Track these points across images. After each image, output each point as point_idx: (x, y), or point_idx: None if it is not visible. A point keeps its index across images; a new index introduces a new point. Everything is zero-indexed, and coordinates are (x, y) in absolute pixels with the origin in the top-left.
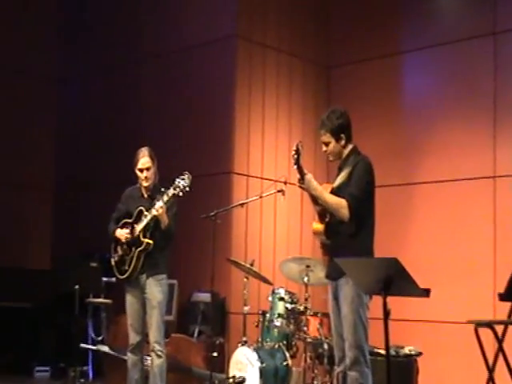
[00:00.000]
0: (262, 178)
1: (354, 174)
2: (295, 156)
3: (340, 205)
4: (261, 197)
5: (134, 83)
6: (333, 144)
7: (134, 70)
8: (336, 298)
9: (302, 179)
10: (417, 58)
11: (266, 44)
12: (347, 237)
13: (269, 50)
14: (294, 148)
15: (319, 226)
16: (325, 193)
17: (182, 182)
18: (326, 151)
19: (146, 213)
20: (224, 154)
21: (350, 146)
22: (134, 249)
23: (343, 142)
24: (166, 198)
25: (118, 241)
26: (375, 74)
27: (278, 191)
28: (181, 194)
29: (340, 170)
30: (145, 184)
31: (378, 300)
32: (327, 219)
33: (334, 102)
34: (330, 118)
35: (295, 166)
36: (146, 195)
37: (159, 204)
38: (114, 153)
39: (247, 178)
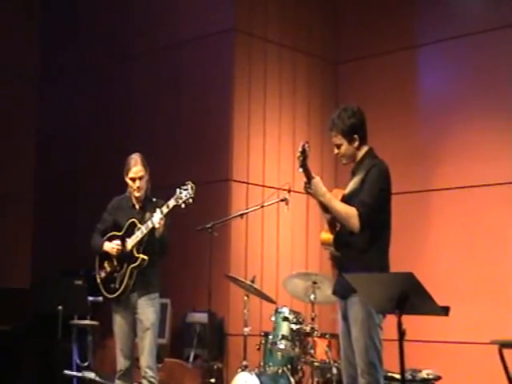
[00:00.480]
0: (263, 186)
1: (367, 180)
2: (301, 157)
3: (350, 214)
4: (262, 206)
5: (122, 83)
6: (345, 146)
7: (123, 68)
8: (345, 318)
9: (308, 183)
10: (435, 52)
11: (267, 38)
12: (358, 250)
13: (270, 45)
14: (300, 148)
15: (328, 236)
16: (333, 200)
17: (185, 192)
18: (337, 154)
19: (139, 225)
20: (221, 159)
21: (364, 148)
22: (126, 265)
23: (357, 144)
24: (165, 209)
25: (104, 255)
26: (388, 70)
27: (282, 200)
28: (183, 205)
29: (353, 174)
30: (137, 194)
31: (392, 319)
32: (337, 229)
33: (342, 101)
34: (341, 117)
35: (301, 169)
36: (137, 206)
37: (159, 216)
38: (100, 160)
39: (247, 186)
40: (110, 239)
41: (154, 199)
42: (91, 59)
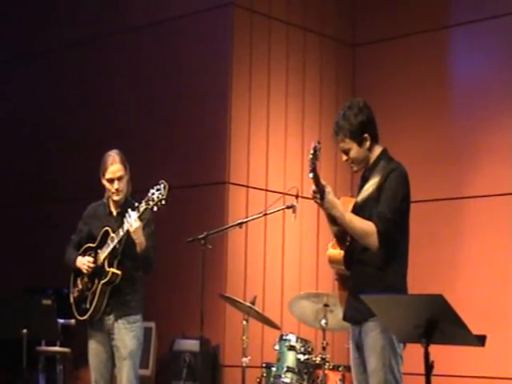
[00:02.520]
0: (266, 190)
1: (386, 188)
2: (313, 160)
3: (368, 231)
4: (265, 214)
5: (96, 68)
6: (355, 149)
7: (96, 49)
8: (359, 348)
9: (317, 193)
10: (469, 34)
11: (272, 15)
12: (374, 268)
13: (275, 24)
14: (312, 150)
15: (336, 253)
16: (348, 213)
17: (157, 193)
18: (347, 160)
19: (112, 234)
20: (217, 158)
21: (377, 149)
22: (97, 281)
23: (368, 144)
24: (136, 214)
25: (77, 271)
26: (415, 55)
27: (288, 207)
28: (155, 208)
29: (364, 179)
30: (115, 198)
31: (413, 349)
32: (348, 243)
33: (360, 91)
34: (346, 118)
35: (311, 174)
36: (115, 212)
37: (133, 216)
38: (73, 160)
39: (247, 190)
40: (85, 252)
41: (136, 203)
42: (56, 40)
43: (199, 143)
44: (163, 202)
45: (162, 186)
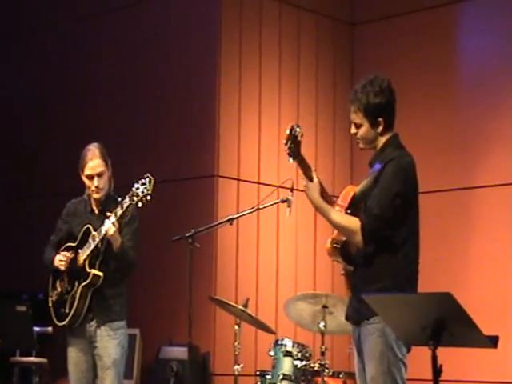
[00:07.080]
0: (258, 183)
1: (380, 180)
2: (290, 142)
3: (351, 229)
4: (257, 209)
5: (75, 52)
6: (365, 128)
7: (75, 31)
8: (360, 353)
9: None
10: (480, 10)
11: None
12: (367, 266)
13: (266, 1)
14: (288, 131)
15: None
16: (330, 212)
17: (142, 187)
18: (355, 134)
19: (94, 233)
20: (205, 149)
21: (388, 135)
22: (77, 284)
23: (380, 129)
24: (119, 211)
25: (56, 273)
26: (418, 34)
27: (282, 201)
28: (140, 204)
29: (371, 166)
30: (96, 196)
31: (422, 352)
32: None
33: (359, 74)
34: (365, 92)
35: (291, 160)
36: (96, 210)
37: (111, 220)
38: (51, 153)
39: (238, 183)
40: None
41: (120, 199)
42: (31, 20)
43: (186, 133)
44: (148, 197)
45: (147, 180)
